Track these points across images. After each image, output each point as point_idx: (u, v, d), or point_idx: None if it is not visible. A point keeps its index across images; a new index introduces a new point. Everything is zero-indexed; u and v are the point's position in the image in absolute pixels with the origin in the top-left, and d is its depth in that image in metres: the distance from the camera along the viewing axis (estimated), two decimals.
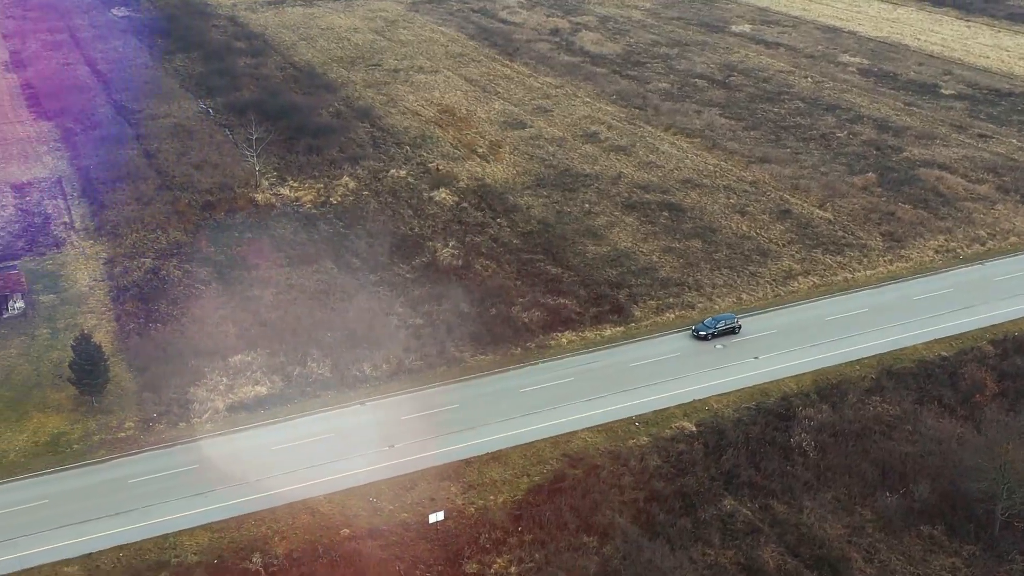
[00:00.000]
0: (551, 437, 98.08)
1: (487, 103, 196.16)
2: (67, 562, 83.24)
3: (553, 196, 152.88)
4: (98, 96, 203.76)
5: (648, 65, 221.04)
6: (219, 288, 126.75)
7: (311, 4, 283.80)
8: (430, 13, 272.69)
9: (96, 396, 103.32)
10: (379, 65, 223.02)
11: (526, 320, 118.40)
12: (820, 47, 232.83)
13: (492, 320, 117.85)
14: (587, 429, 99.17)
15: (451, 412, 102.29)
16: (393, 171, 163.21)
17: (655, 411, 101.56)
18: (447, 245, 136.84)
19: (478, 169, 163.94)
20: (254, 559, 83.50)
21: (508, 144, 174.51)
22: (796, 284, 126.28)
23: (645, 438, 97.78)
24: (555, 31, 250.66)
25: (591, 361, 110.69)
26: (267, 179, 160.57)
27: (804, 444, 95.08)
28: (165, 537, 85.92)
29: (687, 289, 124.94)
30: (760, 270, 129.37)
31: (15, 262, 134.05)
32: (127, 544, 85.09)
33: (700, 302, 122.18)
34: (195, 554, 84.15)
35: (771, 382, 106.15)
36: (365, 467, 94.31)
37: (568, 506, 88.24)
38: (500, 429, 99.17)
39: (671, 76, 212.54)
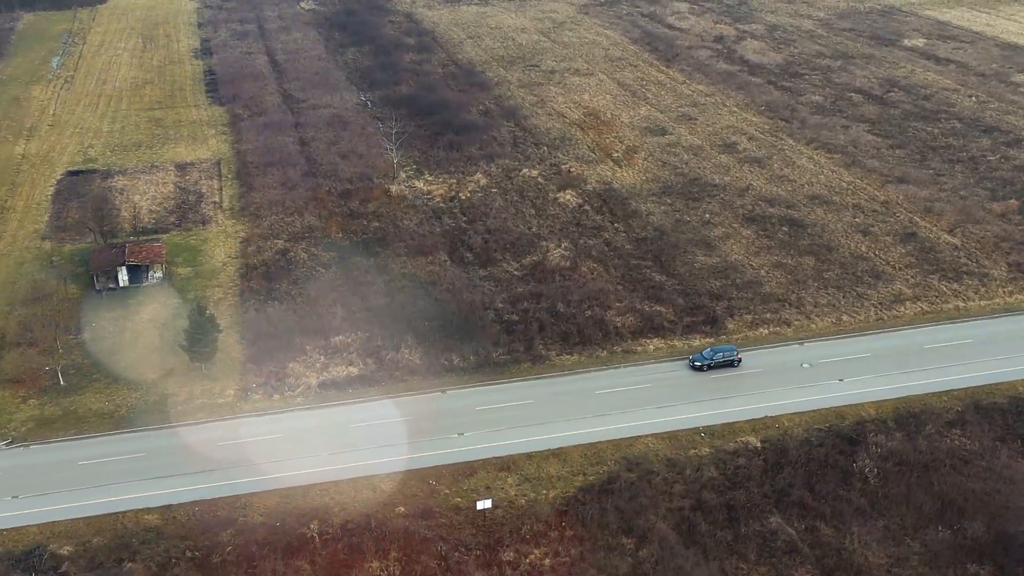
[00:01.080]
0: (615, 439, 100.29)
1: (633, 108, 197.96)
2: (148, 510, 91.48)
3: (676, 204, 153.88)
4: (270, 85, 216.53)
5: (805, 77, 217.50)
6: (337, 272, 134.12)
7: (485, 3, 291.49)
8: (599, 16, 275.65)
9: (204, 363, 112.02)
10: (537, 66, 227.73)
11: (619, 324, 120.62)
12: (994, 65, 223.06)
13: (585, 322, 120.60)
14: (652, 435, 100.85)
15: (525, 407, 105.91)
16: (525, 171, 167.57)
17: (724, 424, 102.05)
18: (559, 246, 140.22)
19: (608, 173, 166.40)
20: (311, 526, 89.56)
21: (644, 150, 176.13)
22: (903, 309, 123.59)
23: (707, 449, 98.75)
24: (719, 38, 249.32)
25: (672, 369, 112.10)
26: (405, 171, 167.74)
27: (866, 470, 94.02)
28: (238, 497, 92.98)
29: (787, 306, 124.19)
30: (868, 292, 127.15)
31: (161, 235, 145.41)
32: (203, 500, 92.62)
33: (797, 320, 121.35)
34: (261, 515, 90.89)
35: (850, 405, 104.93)
36: (432, 451, 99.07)
37: (613, 507, 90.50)
38: (567, 427, 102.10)
39: (827, 89, 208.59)
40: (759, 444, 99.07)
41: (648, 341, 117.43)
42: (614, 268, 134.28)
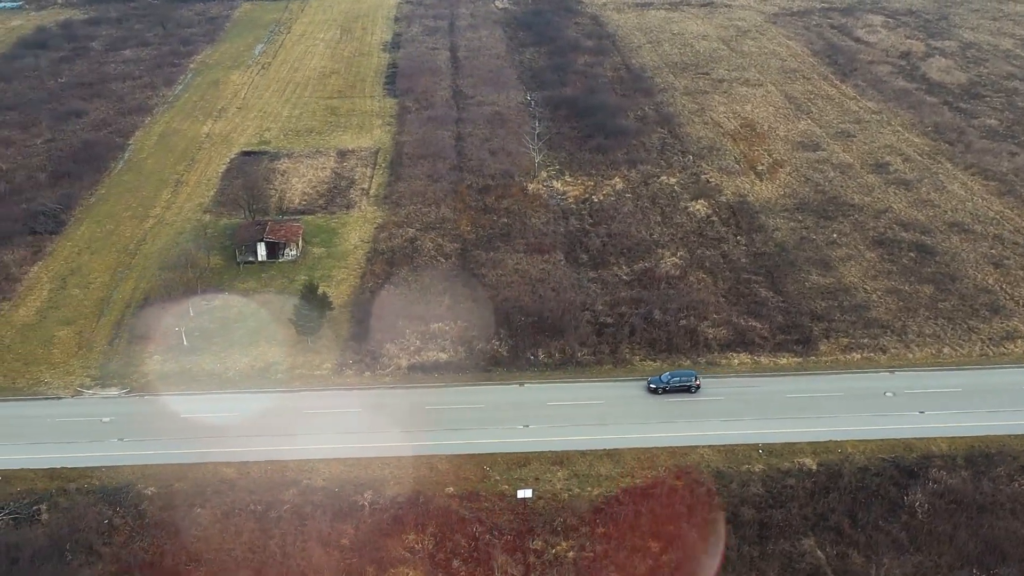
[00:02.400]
0: (672, 447, 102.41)
1: (793, 122, 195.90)
2: (228, 464, 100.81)
3: (806, 222, 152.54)
4: (444, 80, 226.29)
5: (987, 99, 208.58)
6: (455, 263, 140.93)
7: (675, 8, 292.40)
8: (787, 25, 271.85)
9: (310, 337, 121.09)
10: (708, 74, 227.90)
11: (710, 336, 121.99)
12: None
13: (677, 330, 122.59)
14: (710, 447, 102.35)
15: (594, 407, 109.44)
16: (664, 178, 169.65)
17: (786, 443, 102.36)
18: (675, 254, 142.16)
19: (747, 185, 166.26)
20: (365, 495, 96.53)
21: (791, 164, 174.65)
22: (1012, 347, 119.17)
23: (760, 466, 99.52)
24: (905, 54, 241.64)
25: (750, 385, 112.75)
26: (548, 171, 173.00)
27: (916, 504, 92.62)
28: (308, 461, 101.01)
29: (889, 333, 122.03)
30: (980, 326, 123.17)
31: (306, 216, 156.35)
32: (277, 460, 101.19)
33: (895, 348, 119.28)
34: (323, 480, 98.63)
35: (922, 439, 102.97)
36: (495, 439, 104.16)
37: (649, 511, 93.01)
38: (629, 431, 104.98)
39: (1006, 113, 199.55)
40: (815, 467, 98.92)
41: (734, 355, 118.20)
42: (723, 280, 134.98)
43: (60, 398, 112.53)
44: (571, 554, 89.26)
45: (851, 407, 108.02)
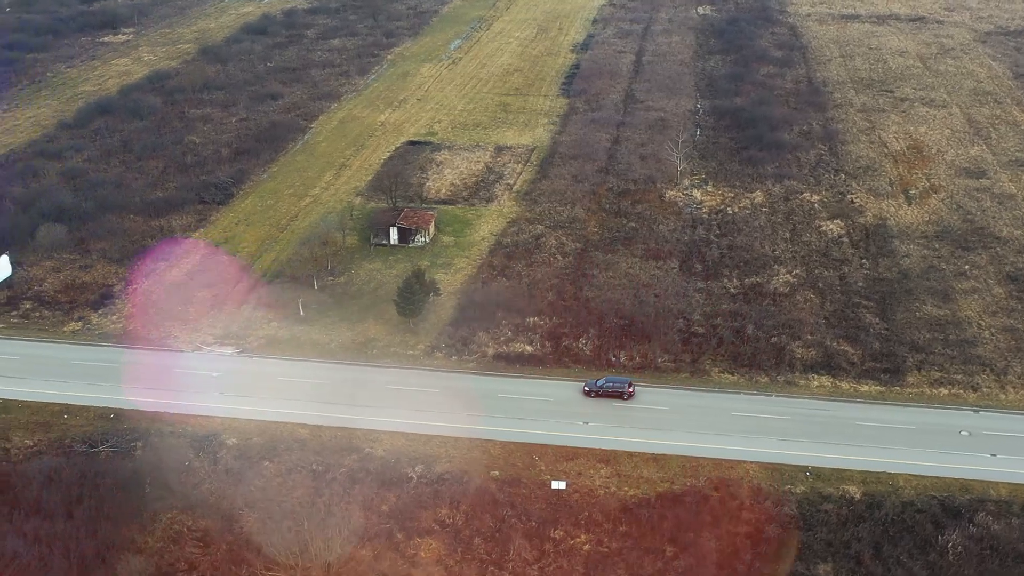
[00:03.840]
0: (719, 459, 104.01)
1: (965, 147, 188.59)
2: (304, 426, 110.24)
3: (941, 251, 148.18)
4: (620, 84, 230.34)
5: None
6: (572, 262, 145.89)
7: (882, 22, 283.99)
8: (997, 45, 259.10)
9: (412, 319, 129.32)
10: (891, 92, 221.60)
11: (798, 356, 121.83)
12: None
13: (765, 347, 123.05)
14: (758, 464, 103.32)
15: (658, 412, 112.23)
16: (807, 195, 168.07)
17: (836, 469, 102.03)
18: (791, 272, 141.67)
19: (892, 209, 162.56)
20: (416, 468, 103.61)
21: (946, 191, 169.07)
22: None
23: (803, 488, 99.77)
24: None
25: (822, 408, 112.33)
26: (692, 180, 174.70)
27: (950, 545, 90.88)
28: (374, 431, 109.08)
29: (987, 371, 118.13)
30: None
31: (447, 206, 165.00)
32: (347, 428, 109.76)
33: (988, 387, 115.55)
34: (383, 451, 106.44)
35: (982, 481, 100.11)
36: (552, 432, 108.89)
37: (674, 517, 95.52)
38: (683, 438, 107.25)
39: None
40: (858, 495, 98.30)
41: (815, 377, 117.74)
42: (831, 302, 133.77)
43: (182, 351, 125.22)
44: (587, 547, 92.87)
45: (919, 441, 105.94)
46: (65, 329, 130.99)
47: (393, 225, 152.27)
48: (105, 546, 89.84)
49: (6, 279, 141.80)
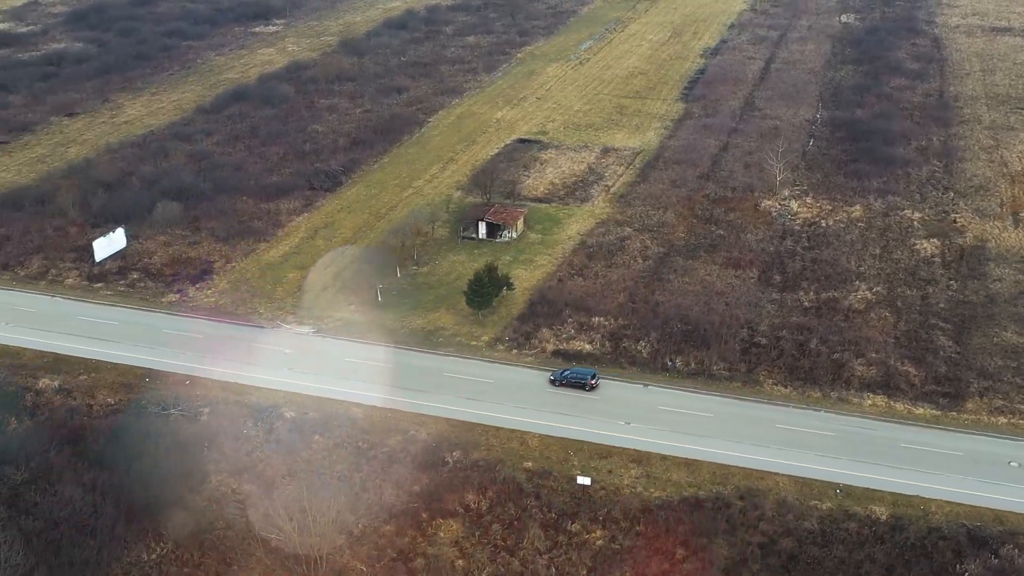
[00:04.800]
0: (750, 469, 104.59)
1: None
2: (358, 405, 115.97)
3: None
4: (742, 90, 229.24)
5: None
6: (651, 265, 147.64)
7: None
8: None
9: (481, 311, 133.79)
10: None
11: (857, 373, 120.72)
12: None
13: (825, 363, 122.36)
14: (790, 477, 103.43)
15: (702, 419, 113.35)
16: (908, 212, 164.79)
17: (867, 488, 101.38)
18: (871, 289, 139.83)
19: (995, 231, 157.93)
20: (453, 454, 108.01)
21: None
22: None
23: (828, 505, 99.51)
24: None
25: (868, 428, 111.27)
26: (792, 190, 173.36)
27: (967, 574, 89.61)
28: (422, 416, 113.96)
29: None
30: None
31: (541, 204, 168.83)
32: (397, 410, 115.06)
33: None
34: (427, 435, 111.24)
35: (1021, 514, 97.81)
36: (592, 429, 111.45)
37: (691, 521, 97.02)
38: (720, 445, 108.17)
39: None
40: (884, 517, 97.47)
41: (870, 396, 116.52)
42: (906, 322, 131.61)
43: (262, 327, 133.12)
44: (600, 543, 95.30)
45: (963, 468, 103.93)
46: (163, 300, 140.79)
47: (481, 220, 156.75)
48: (153, 501, 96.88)
49: (121, 250, 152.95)
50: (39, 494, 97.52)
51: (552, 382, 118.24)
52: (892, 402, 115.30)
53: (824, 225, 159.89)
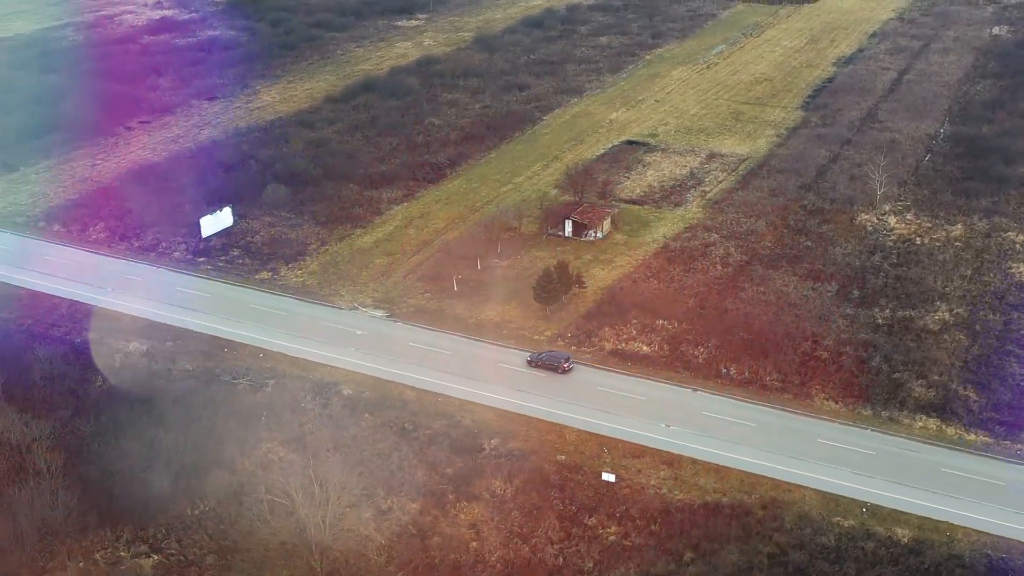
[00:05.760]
0: (779, 480, 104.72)
1: None
2: (412, 388, 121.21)
3: None
4: (867, 101, 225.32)
5: None
6: (729, 272, 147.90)
7: None
8: None
9: (549, 307, 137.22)
10: None
11: (915, 395, 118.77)
12: None
13: (883, 381, 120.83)
14: (818, 492, 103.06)
15: (742, 427, 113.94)
16: (1012, 234, 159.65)
17: (896, 511, 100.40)
18: (952, 310, 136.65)
19: None
20: (492, 441, 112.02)
21: None
22: None
23: (850, 523, 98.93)
24: None
25: (912, 449, 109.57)
26: (892, 205, 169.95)
27: None
28: (470, 403, 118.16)
29: None
30: None
31: (634, 206, 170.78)
32: (447, 396, 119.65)
33: None
34: (470, 421, 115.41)
35: None
36: (631, 429, 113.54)
37: (707, 526, 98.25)
38: (753, 454, 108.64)
39: None
40: (905, 540, 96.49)
41: (922, 419, 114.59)
42: (980, 347, 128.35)
43: (340, 308, 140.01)
44: (612, 538, 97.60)
45: (1001, 498, 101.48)
46: (256, 277, 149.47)
47: (568, 218, 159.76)
48: (202, 462, 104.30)
49: (227, 228, 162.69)
50: (102, 446, 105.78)
51: (529, 363, 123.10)
52: (944, 426, 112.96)
53: (919, 242, 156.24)
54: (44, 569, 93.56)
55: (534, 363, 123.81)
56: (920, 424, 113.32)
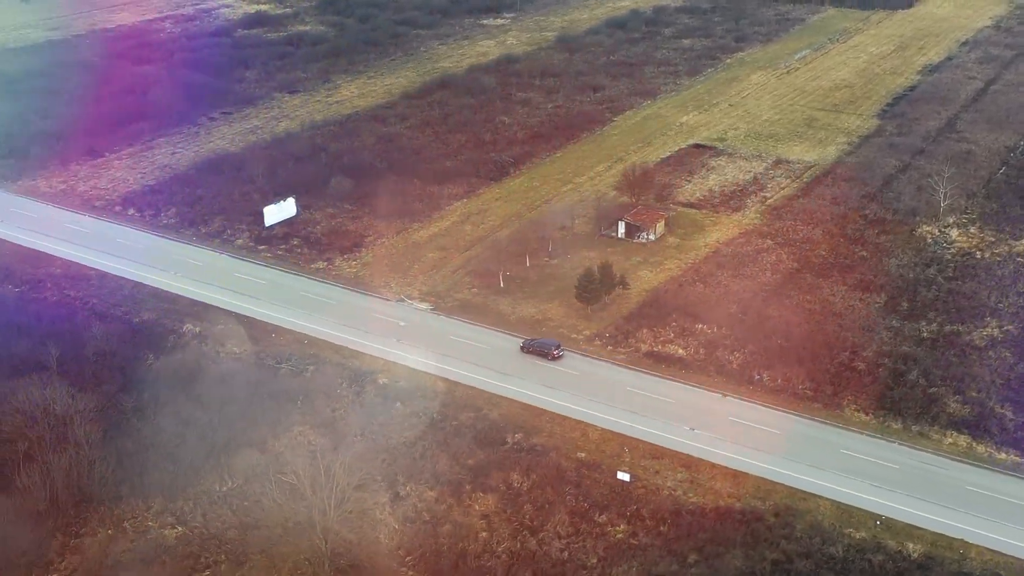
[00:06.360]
0: (795, 489, 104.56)
1: None
2: (445, 380, 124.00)
3: None
4: (947, 111, 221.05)
5: None
6: (778, 280, 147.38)
7: None
8: None
9: (590, 306, 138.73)
10: None
11: (949, 410, 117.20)
12: None
13: (918, 396, 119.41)
14: (833, 502, 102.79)
15: (767, 434, 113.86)
16: None
17: (910, 524, 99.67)
18: (1000, 327, 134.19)
19: None
20: (516, 435, 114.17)
21: None
22: None
23: (862, 535, 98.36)
24: None
25: (938, 466, 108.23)
26: (956, 217, 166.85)
27: None
28: (497, 397, 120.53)
29: None
30: None
31: (693, 209, 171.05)
32: (477, 388, 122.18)
33: None
34: (498, 413, 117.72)
35: None
36: (654, 431, 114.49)
37: (714, 529, 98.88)
38: (773, 462, 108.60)
39: None
40: (915, 555, 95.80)
41: (952, 435, 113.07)
42: None
43: (387, 300, 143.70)
44: (619, 536, 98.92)
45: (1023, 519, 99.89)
46: (312, 266, 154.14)
47: (621, 220, 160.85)
48: (234, 441, 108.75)
49: (290, 218, 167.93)
50: (141, 421, 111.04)
51: (522, 349, 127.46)
52: (975, 443, 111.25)
53: (978, 256, 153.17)
54: (76, 534, 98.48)
55: (526, 349, 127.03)
56: (950, 440, 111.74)
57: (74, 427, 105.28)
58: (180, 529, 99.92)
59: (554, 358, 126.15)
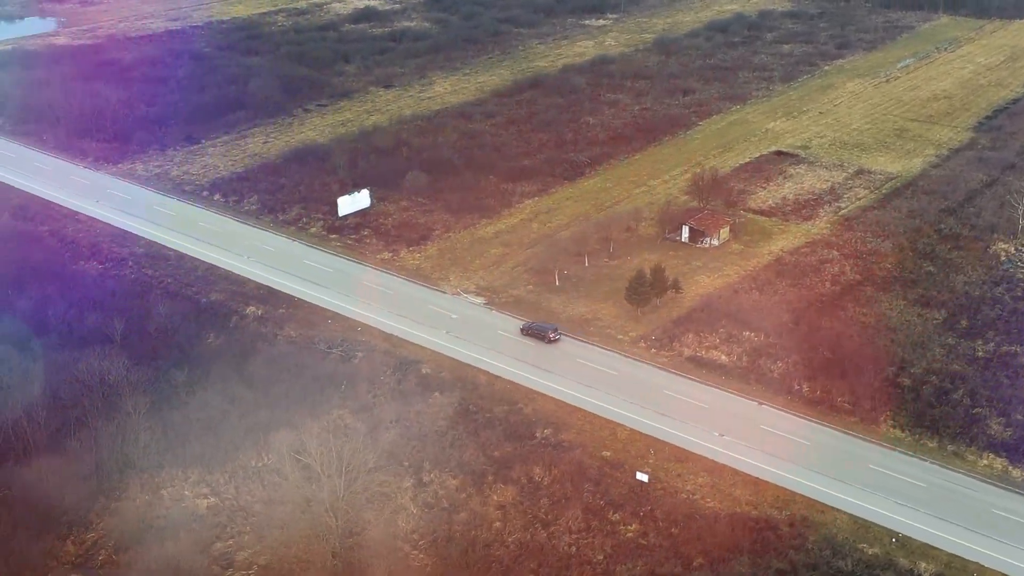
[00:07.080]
0: (814, 500, 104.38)
1: None
2: (485, 373, 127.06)
3: None
4: None
5: None
6: (838, 291, 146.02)
7: None
8: None
9: (640, 308, 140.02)
10: None
11: (990, 432, 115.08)
12: None
13: (960, 415, 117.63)
14: (851, 516, 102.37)
15: (797, 444, 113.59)
16: None
17: (926, 544, 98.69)
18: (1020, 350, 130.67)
19: None
20: (545, 430, 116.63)
21: None
22: None
23: (875, 551, 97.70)
24: None
25: (967, 487, 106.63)
26: None
27: None
28: (534, 392, 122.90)
29: None
30: None
31: (764, 217, 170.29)
32: (515, 383, 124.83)
33: None
34: (531, 408, 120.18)
35: None
36: (683, 434, 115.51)
37: (724, 534, 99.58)
38: (797, 472, 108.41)
39: None
40: (925, 575, 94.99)
41: (988, 457, 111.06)
42: None
43: (443, 292, 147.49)
44: (629, 535, 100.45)
45: None
46: (378, 256, 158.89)
47: (685, 224, 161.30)
48: (274, 420, 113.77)
49: (364, 209, 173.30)
50: (189, 396, 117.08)
51: (522, 331, 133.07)
52: (1011, 467, 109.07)
53: None
54: (117, 498, 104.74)
55: (526, 331, 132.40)
56: (985, 462, 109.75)
57: (125, 398, 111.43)
58: (213, 500, 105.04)
59: (551, 341, 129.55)
